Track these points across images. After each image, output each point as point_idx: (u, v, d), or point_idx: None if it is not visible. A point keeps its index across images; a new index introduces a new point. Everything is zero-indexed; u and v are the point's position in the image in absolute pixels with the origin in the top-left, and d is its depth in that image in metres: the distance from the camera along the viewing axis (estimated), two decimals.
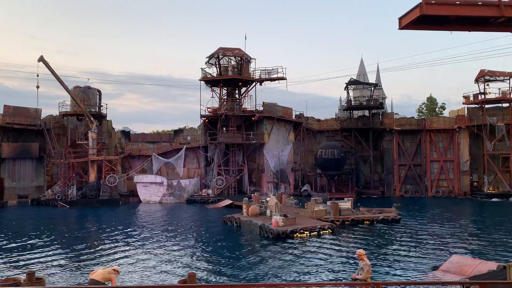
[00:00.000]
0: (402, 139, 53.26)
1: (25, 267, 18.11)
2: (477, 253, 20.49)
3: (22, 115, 45.55)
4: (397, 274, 17.12)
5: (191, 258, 20.32)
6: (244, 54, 48.51)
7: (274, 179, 48.98)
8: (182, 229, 28.94)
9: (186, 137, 51.74)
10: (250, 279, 16.70)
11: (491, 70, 49.48)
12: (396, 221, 30.02)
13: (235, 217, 30.15)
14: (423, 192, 51.71)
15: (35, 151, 45.76)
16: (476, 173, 50.80)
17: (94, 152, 45.30)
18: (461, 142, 51.08)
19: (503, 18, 10.27)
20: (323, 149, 48.39)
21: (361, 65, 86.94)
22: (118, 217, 35.86)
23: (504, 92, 48.84)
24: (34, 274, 11.70)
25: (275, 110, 50.40)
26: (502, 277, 12.80)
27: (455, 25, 10.91)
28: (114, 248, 22.60)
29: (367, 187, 52.88)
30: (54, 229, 29.72)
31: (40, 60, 42.34)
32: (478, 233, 26.77)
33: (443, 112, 76.24)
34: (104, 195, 43.94)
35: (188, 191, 47.37)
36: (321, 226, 26.13)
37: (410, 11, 10.44)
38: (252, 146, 48.65)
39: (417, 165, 52.65)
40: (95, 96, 49.51)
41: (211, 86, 49.82)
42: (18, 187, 45.40)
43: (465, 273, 15.30)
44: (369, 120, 54.14)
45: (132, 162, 49.60)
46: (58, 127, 48.29)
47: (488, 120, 48.14)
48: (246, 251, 22.09)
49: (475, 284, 11.40)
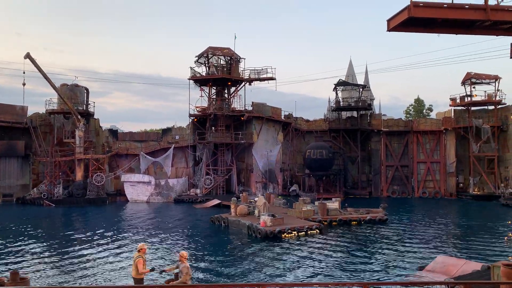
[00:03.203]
0: (390, 140, 53.71)
1: (9, 267, 17.86)
2: (462, 253, 20.75)
3: (7, 113, 44.91)
4: (383, 274, 17.25)
5: (178, 258, 20.17)
6: (233, 53, 48.44)
7: (263, 179, 49.02)
8: (170, 228, 28.79)
9: (174, 136, 51.49)
10: (237, 279, 16.68)
11: (477, 73, 50.09)
12: (383, 222, 30.28)
13: (223, 217, 30.10)
14: (410, 192, 52.20)
15: (20, 149, 45.15)
16: (462, 175, 51.42)
17: (81, 151, 44.85)
18: (448, 143, 51.66)
19: (489, 21, 10.44)
20: (312, 150, 48.59)
21: (350, 67, 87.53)
22: (105, 216, 35.55)
23: (490, 94, 49.51)
24: (18, 274, 11.54)
25: (264, 110, 50.45)
26: (487, 277, 12.98)
27: (442, 28, 11.06)
28: (99, 247, 22.39)
29: (355, 188, 53.21)
30: (39, 228, 29.34)
31: (26, 57, 41.79)
32: (463, 234, 27.13)
33: (430, 113, 77.11)
34: (90, 194, 43.53)
35: (176, 191, 47.16)
36: (309, 226, 26.22)
37: (398, 13, 10.54)
38: (241, 146, 48.61)
39: (404, 166, 53.13)
40: (82, 94, 48.98)
41: (200, 85, 49.67)
42: (2, 186, 44.77)
43: (450, 273, 15.46)
44: (357, 121, 54.48)
45: (119, 161, 49.18)
46: (44, 125, 47.69)
47: (474, 122, 48.77)
48: (234, 251, 22.06)
49: (460, 284, 11.55)
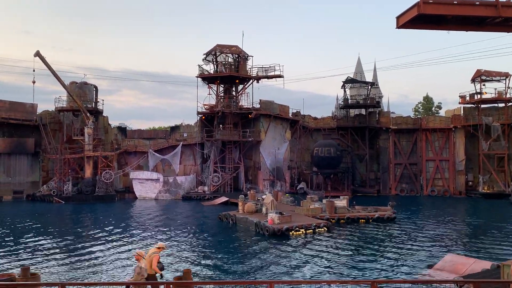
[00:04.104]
0: (398, 138, 53.40)
1: (20, 263, 18.07)
2: (471, 252, 20.60)
3: (17, 110, 45.36)
4: (392, 272, 17.19)
5: (186, 255, 20.33)
6: (241, 51, 48.42)
7: (270, 177, 49.02)
8: (178, 226, 28.94)
9: (182, 134, 51.66)
10: (245, 276, 16.73)
11: (487, 70, 49.56)
12: (391, 220, 30.15)
13: (230, 214, 30.18)
14: (419, 191, 51.89)
15: (30, 147, 45.60)
16: (471, 173, 50.99)
17: (90, 148, 45.16)
18: (457, 141, 51.26)
19: (500, 18, 10.30)
20: (319, 147, 48.46)
21: (358, 64, 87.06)
22: (114, 213, 35.80)
23: (500, 92, 48.98)
24: (29, 270, 11.69)
25: (272, 108, 50.40)
26: (496, 276, 12.88)
27: (452, 25, 10.93)
28: (109, 244, 22.58)
29: (363, 186, 52.99)
30: (49, 224, 29.64)
31: (36, 55, 42.14)
32: (472, 232, 26.93)
33: (439, 111, 76.56)
34: (99, 191, 43.86)
35: (184, 188, 47.35)
36: (317, 224, 26.18)
37: (407, 10, 10.45)
38: (249, 144, 48.63)
39: (412, 164, 52.82)
40: (91, 92, 49.31)
41: (208, 83, 49.76)
42: (13, 182, 45.25)
43: (459, 271, 15.37)
44: (365, 119, 54.21)
45: (128, 159, 49.46)
46: (54, 123, 48.11)
47: (484, 120, 48.30)
48: (241, 249, 22.12)
49: (469, 283, 11.46)
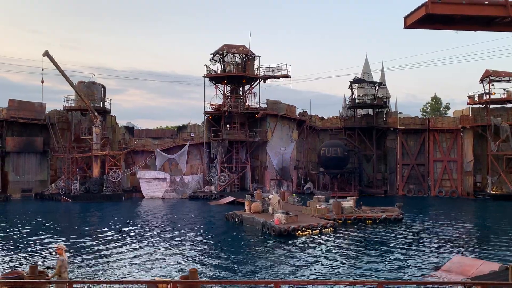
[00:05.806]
0: (406, 138, 53.12)
1: (28, 260, 18.23)
2: (479, 253, 20.46)
3: (26, 109, 45.79)
4: (399, 273, 17.12)
5: (193, 254, 20.39)
6: (248, 51, 48.44)
7: (277, 177, 49.00)
8: (184, 225, 29.04)
9: (189, 133, 51.81)
10: (251, 275, 16.74)
11: (496, 70, 49.12)
12: (398, 221, 30.01)
13: (237, 214, 30.22)
14: (426, 191, 51.58)
15: (39, 145, 45.99)
16: (479, 174, 50.58)
17: (98, 147, 45.44)
18: (465, 142, 50.88)
19: (510, 18, 10.20)
20: (326, 147, 48.34)
21: (365, 64, 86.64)
22: (121, 212, 36.00)
23: (509, 92, 48.51)
24: (37, 268, 11.79)
25: (279, 108, 50.37)
26: (504, 278, 12.77)
27: (461, 25, 10.84)
28: (116, 242, 22.71)
29: (370, 186, 52.79)
30: (57, 223, 29.89)
31: (45, 54, 42.47)
32: (480, 234, 26.72)
33: (447, 112, 76.10)
34: (107, 190, 44.12)
35: (190, 188, 47.48)
36: (323, 224, 26.15)
37: (415, 10, 10.37)
38: (255, 144, 48.65)
39: (420, 164, 52.52)
40: (99, 91, 49.61)
41: (215, 83, 49.85)
42: (22, 181, 45.64)
43: (466, 273, 15.28)
44: (373, 119, 53.99)
45: (135, 158, 49.72)
46: (62, 122, 48.50)
47: (492, 121, 47.89)
48: (248, 248, 22.14)
49: (476, 284, 11.39)
